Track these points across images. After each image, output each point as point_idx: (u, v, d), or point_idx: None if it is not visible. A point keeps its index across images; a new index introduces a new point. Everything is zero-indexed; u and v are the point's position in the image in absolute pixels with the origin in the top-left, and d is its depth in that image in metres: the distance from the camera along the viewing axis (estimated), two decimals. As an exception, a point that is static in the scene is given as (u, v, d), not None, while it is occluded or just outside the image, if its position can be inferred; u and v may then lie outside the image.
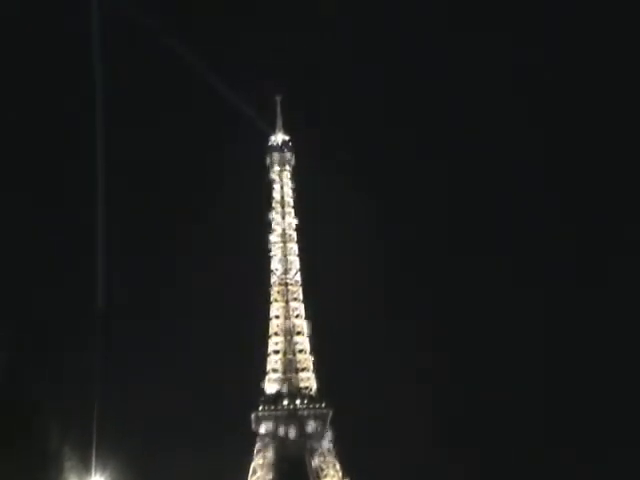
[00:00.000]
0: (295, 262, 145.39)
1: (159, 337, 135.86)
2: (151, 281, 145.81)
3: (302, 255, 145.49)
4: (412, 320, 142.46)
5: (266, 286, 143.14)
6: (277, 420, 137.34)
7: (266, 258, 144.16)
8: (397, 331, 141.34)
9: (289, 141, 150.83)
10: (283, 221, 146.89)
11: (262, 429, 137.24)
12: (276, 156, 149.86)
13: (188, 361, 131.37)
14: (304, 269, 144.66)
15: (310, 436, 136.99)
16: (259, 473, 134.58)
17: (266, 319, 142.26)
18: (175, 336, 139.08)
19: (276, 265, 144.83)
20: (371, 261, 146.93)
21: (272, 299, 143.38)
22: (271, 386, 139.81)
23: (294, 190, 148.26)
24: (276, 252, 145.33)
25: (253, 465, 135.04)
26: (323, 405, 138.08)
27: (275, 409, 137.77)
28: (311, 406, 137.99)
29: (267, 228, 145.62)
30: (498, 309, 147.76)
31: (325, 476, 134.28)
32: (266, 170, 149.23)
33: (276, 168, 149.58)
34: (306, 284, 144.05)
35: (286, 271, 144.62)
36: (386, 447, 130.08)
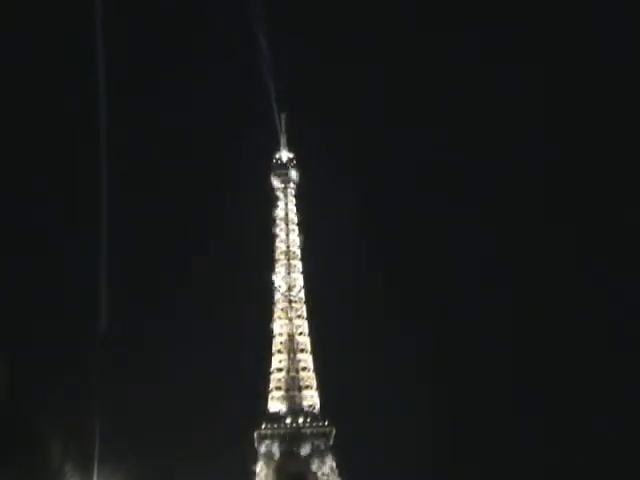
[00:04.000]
0: (299, 279, 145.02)
1: (160, 355, 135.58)
2: (152, 299, 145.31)
3: (306, 272, 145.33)
4: (413, 336, 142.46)
5: (269, 303, 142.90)
6: (280, 438, 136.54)
7: (269, 275, 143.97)
8: (400, 348, 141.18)
9: (293, 158, 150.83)
10: (287, 238, 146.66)
11: (264, 447, 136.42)
12: (280, 173, 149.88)
13: (190, 379, 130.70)
14: (308, 286, 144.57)
15: (313, 455, 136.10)
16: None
17: (269, 337, 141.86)
18: (177, 353, 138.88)
19: (280, 282, 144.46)
20: (375, 278, 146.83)
21: (275, 316, 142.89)
22: (274, 404, 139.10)
23: (298, 207, 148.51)
24: (280, 269, 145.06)
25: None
26: (326, 423, 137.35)
27: (278, 427, 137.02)
28: (314, 424, 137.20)
29: (270, 245, 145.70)
30: (499, 313, 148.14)
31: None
32: (270, 187, 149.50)
33: (280, 185, 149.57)
34: (310, 301, 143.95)
35: (290, 288, 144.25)
36: (389, 466, 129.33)
